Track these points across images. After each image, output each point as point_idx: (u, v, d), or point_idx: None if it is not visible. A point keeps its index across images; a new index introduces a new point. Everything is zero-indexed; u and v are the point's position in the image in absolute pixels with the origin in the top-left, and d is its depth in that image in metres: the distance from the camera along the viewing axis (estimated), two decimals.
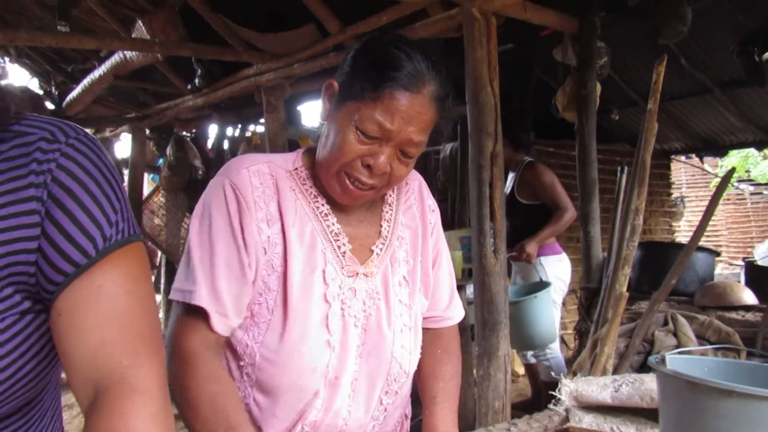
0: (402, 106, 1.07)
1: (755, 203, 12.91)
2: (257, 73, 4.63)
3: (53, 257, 0.74)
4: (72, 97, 5.70)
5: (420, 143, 1.12)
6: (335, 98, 1.15)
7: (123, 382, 0.73)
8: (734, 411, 1.11)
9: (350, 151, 1.10)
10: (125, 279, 0.77)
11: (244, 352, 1.15)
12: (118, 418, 0.71)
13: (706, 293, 3.38)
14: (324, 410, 1.16)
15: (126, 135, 6.94)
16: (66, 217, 0.74)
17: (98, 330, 0.74)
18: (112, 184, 0.78)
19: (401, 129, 1.08)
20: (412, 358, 1.27)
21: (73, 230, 0.74)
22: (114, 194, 0.78)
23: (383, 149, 1.10)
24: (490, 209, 3.03)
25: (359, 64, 1.12)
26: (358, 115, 1.08)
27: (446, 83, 1.13)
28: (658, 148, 7.49)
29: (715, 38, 4.79)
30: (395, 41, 1.12)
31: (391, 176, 1.14)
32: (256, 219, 1.13)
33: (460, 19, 3.16)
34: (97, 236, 0.75)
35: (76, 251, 0.74)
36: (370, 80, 1.08)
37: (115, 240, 0.77)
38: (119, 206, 0.78)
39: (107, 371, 0.74)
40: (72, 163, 0.75)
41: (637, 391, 1.64)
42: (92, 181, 0.76)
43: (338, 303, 1.17)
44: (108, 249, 0.76)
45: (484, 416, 2.93)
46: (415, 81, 1.07)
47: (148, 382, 0.75)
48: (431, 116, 1.11)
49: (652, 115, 2.46)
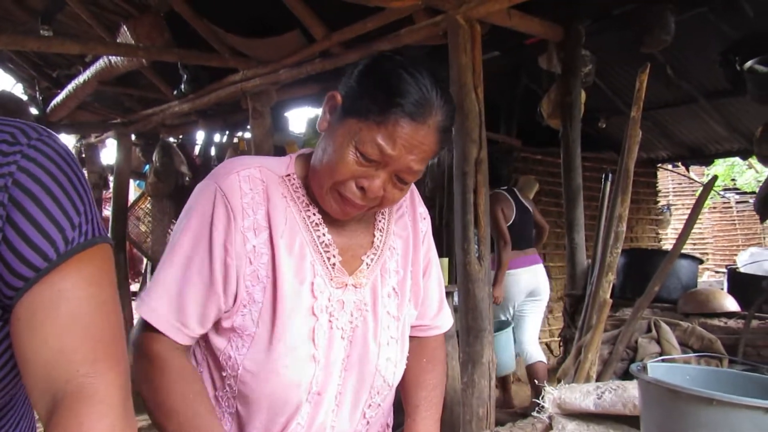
0: (405, 134, 1.03)
1: (741, 212, 13.05)
2: (243, 79, 4.62)
3: (13, 262, 0.71)
4: (56, 103, 5.65)
5: (418, 172, 1.09)
6: (337, 112, 1.11)
7: (81, 391, 0.71)
8: (715, 419, 1.11)
9: (346, 171, 1.07)
10: (88, 283, 0.75)
11: (226, 363, 1.12)
12: (75, 428, 0.69)
13: (689, 300, 3.40)
14: (307, 425, 1.14)
15: (111, 141, 6.90)
16: (26, 221, 0.71)
17: (57, 336, 0.72)
18: (76, 186, 0.76)
19: (401, 156, 1.05)
20: (397, 371, 1.25)
21: (33, 233, 0.71)
22: (78, 196, 0.76)
23: (379, 173, 1.07)
24: (474, 216, 3.03)
25: (367, 82, 1.08)
26: (360, 136, 1.05)
27: (452, 114, 1.10)
28: (644, 156, 7.54)
29: (701, 48, 4.83)
30: (406, 64, 1.08)
31: (384, 199, 1.11)
32: (242, 227, 1.09)
33: (444, 26, 3.17)
34: (58, 239, 0.73)
35: (36, 255, 0.72)
36: (376, 102, 1.04)
37: (77, 243, 0.74)
38: (83, 208, 0.76)
39: (65, 380, 0.71)
40: (33, 164, 0.73)
41: (620, 398, 1.63)
42: (54, 183, 0.74)
43: (326, 316, 1.14)
44: (70, 252, 0.74)
45: (468, 423, 2.91)
46: (422, 111, 1.04)
47: (107, 391, 0.72)
48: (433, 147, 1.08)
49: (635, 122, 2.47)
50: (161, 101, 5.71)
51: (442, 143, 1.10)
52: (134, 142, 7.16)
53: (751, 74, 3.90)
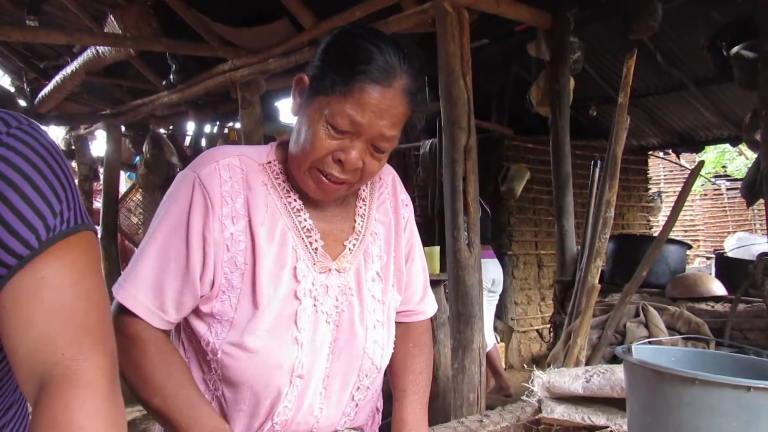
0: (373, 100, 1.05)
1: (731, 198, 13.11)
2: (232, 69, 4.60)
3: None
4: (44, 94, 5.62)
5: (392, 137, 1.11)
6: (306, 93, 1.13)
7: (66, 374, 0.72)
8: (698, 399, 1.12)
9: (321, 147, 1.08)
10: (70, 270, 0.76)
11: (207, 347, 1.14)
12: (61, 411, 0.70)
13: (676, 285, 3.42)
14: (295, 408, 1.15)
15: (101, 133, 6.86)
16: (7, 209, 0.72)
17: (41, 323, 0.72)
18: (57, 174, 0.76)
19: (372, 123, 1.06)
20: (385, 354, 1.26)
21: (15, 222, 0.72)
22: (59, 184, 0.76)
23: (354, 144, 1.08)
24: (463, 203, 3.04)
25: (329, 57, 1.10)
26: (329, 109, 1.06)
27: (418, 76, 1.12)
28: (635, 144, 7.56)
29: (690, 35, 4.84)
30: (366, 34, 1.10)
31: (364, 171, 1.12)
32: (219, 216, 1.10)
33: (433, 13, 3.17)
34: (39, 227, 0.73)
35: (18, 243, 0.72)
36: (340, 74, 1.06)
37: (59, 230, 0.75)
38: (64, 195, 0.76)
39: (50, 364, 0.72)
40: (13, 153, 0.73)
41: (608, 381, 1.65)
42: (34, 171, 0.74)
43: (310, 300, 1.15)
44: (52, 240, 0.74)
45: (458, 408, 2.94)
46: (386, 74, 1.05)
47: (93, 374, 0.73)
48: (403, 110, 1.09)
49: (622, 108, 2.48)
50: (150, 92, 5.67)
51: (411, 106, 1.11)
52: (124, 134, 7.13)
53: (738, 60, 3.90)
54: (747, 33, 3.89)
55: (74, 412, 0.70)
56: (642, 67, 5.25)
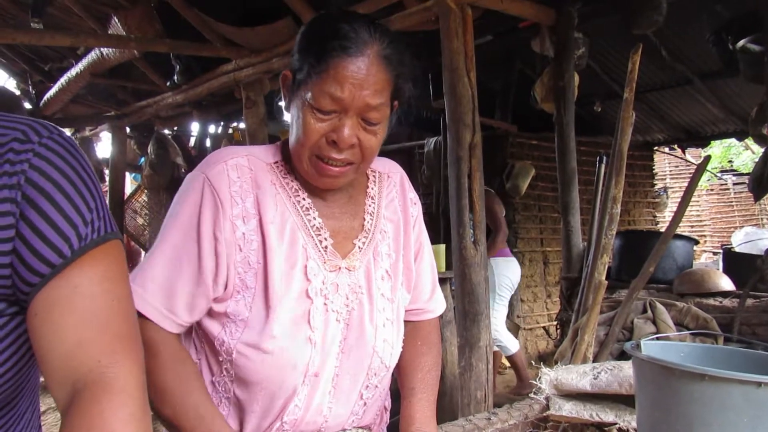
0: (349, 72, 1.04)
1: (738, 193, 13.05)
2: (236, 69, 4.60)
3: (28, 258, 0.73)
4: (49, 96, 5.63)
5: (379, 106, 1.09)
6: (291, 87, 1.14)
7: (101, 381, 0.72)
8: (707, 395, 1.11)
9: (312, 132, 1.09)
10: (102, 278, 0.77)
11: (221, 348, 1.13)
12: (96, 417, 0.70)
13: (684, 280, 3.40)
14: (305, 407, 1.15)
15: (106, 134, 6.87)
16: (40, 218, 0.73)
17: (75, 330, 0.73)
18: (87, 183, 0.77)
19: (354, 95, 1.06)
20: (394, 352, 1.25)
21: (48, 231, 0.73)
22: (89, 193, 0.77)
23: (344, 121, 1.08)
24: (469, 200, 3.03)
25: (303, 46, 1.11)
26: (311, 93, 1.07)
27: (395, 41, 1.10)
28: (640, 139, 7.53)
29: (695, 29, 4.82)
30: (333, 14, 1.10)
31: (362, 148, 1.12)
32: (230, 216, 1.10)
33: (436, 11, 3.16)
34: (72, 236, 0.74)
35: (51, 252, 0.73)
36: (313, 57, 1.07)
37: (90, 239, 0.76)
38: (95, 205, 0.77)
39: (85, 371, 0.73)
40: (45, 162, 0.74)
41: (615, 378, 1.65)
42: (66, 180, 0.75)
43: (321, 299, 1.15)
44: (84, 248, 0.75)
45: (466, 406, 2.93)
46: (357, 43, 1.05)
47: (127, 381, 0.74)
48: (383, 76, 1.08)
49: (627, 104, 2.47)
50: (155, 93, 5.69)
51: (392, 71, 1.10)
52: (129, 135, 7.15)
53: (743, 54, 3.88)
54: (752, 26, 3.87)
55: (109, 418, 0.71)
56: (647, 62, 5.24)
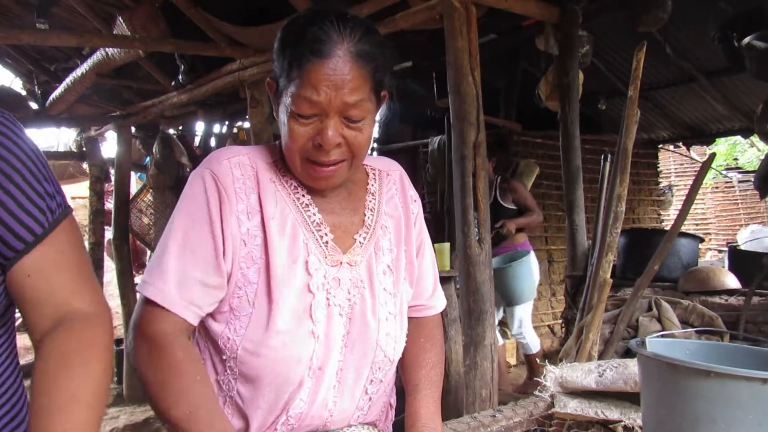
0: (322, 75, 1.04)
1: (743, 191, 13.01)
2: (240, 68, 4.60)
3: (15, 227, 0.92)
4: (55, 97, 5.65)
5: (358, 103, 1.08)
6: (275, 95, 1.15)
7: (85, 316, 0.96)
8: (713, 392, 1.11)
9: (297, 137, 1.10)
10: (74, 240, 1.00)
11: (225, 345, 1.14)
12: (89, 333, 0.95)
13: (689, 278, 3.39)
14: (309, 402, 1.16)
15: (111, 134, 6.89)
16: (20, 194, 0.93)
17: (66, 283, 0.96)
18: (44, 162, 0.98)
19: (330, 97, 1.05)
20: (397, 346, 1.27)
21: (28, 205, 0.93)
22: (47, 171, 0.97)
23: (326, 123, 1.08)
24: (474, 199, 3.04)
25: (278, 53, 1.12)
26: (290, 101, 1.08)
27: (367, 34, 1.09)
28: (645, 137, 7.51)
29: (699, 26, 4.80)
30: (303, 17, 1.10)
31: (351, 145, 1.12)
32: (236, 211, 1.12)
33: (440, 9, 3.15)
34: (46, 210, 0.95)
35: (34, 222, 0.94)
36: (287, 63, 1.07)
37: (60, 212, 0.98)
38: (53, 180, 0.98)
39: (72, 309, 0.96)
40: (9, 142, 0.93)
41: (621, 375, 1.65)
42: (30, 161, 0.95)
43: (323, 293, 1.16)
44: (58, 219, 0.97)
45: (471, 404, 2.94)
46: (325, 45, 1.04)
47: (106, 314, 1.01)
48: (357, 73, 1.07)
49: (632, 102, 2.46)
50: (160, 93, 5.69)
51: (367, 67, 1.09)
52: (134, 135, 7.16)
53: (749, 50, 3.85)
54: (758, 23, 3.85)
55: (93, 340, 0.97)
56: (651, 60, 5.22)
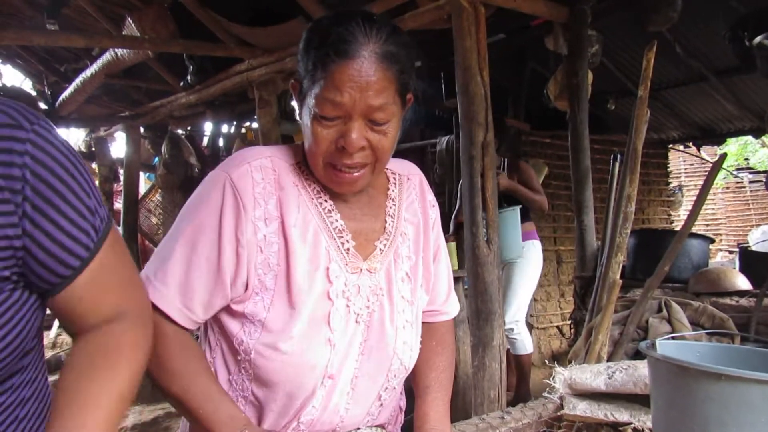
0: (346, 77, 1.02)
1: (754, 191, 12.90)
2: (249, 69, 4.62)
3: (59, 254, 0.84)
4: (65, 97, 5.69)
5: (383, 106, 1.06)
6: (299, 97, 1.13)
7: (125, 318, 0.93)
8: (724, 394, 1.10)
9: (321, 140, 1.08)
10: (119, 252, 0.94)
11: (239, 347, 1.14)
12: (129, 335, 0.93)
13: (700, 279, 3.37)
14: (321, 408, 1.15)
15: (121, 134, 6.93)
16: (60, 217, 0.82)
17: (111, 298, 0.93)
18: (85, 174, 0.86)
19: (355, 99, 1.04)
20: (413, 354, 1.26)
21: (70, 228, 0.84)
22: (88, 183, 0.86)
23: (350, 126, 1.06)
24: (482, 199, 3.03)
25: (304, 54, 1.09)
26: (315, 102, 1.06)
27: (392, 35, 1.07)
28: (655, 137, 7.47)
29: (710, 25, 4.77)
30: (328, 18, 1.08)
31: (374, 149, 1.10)
32: (252, 217, 1.10)
33: (448, 9, 3.15)
34: (90, 229, 0.87)
35: (80, 247, 0.86)
36: (312, 64, 1.05)
37: (104, 226, 0.90)
38: (93, 192, 0.88)
39: (113, 313, 0.93)
40: (47, 156, 0.80)
41: (630, 377, 1.63)
42: (70, 177, 0.84)
43: (342, 300, 1.15)
44: (104, 235, 0.89)
45: (479, 405, 2.93)
46: (350, 45, 1.02)
47: (144, 319, 0.98)
48: (382, 75, 1.05)
49: (642, 102, 2.45)
50: (168, 93, 5.73)
51: (392, 69, 1.07)
52: (143, 135, 7.20)
53: (760, 50, 3.83)
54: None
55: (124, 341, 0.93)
56: (661, 59, 5.19)
